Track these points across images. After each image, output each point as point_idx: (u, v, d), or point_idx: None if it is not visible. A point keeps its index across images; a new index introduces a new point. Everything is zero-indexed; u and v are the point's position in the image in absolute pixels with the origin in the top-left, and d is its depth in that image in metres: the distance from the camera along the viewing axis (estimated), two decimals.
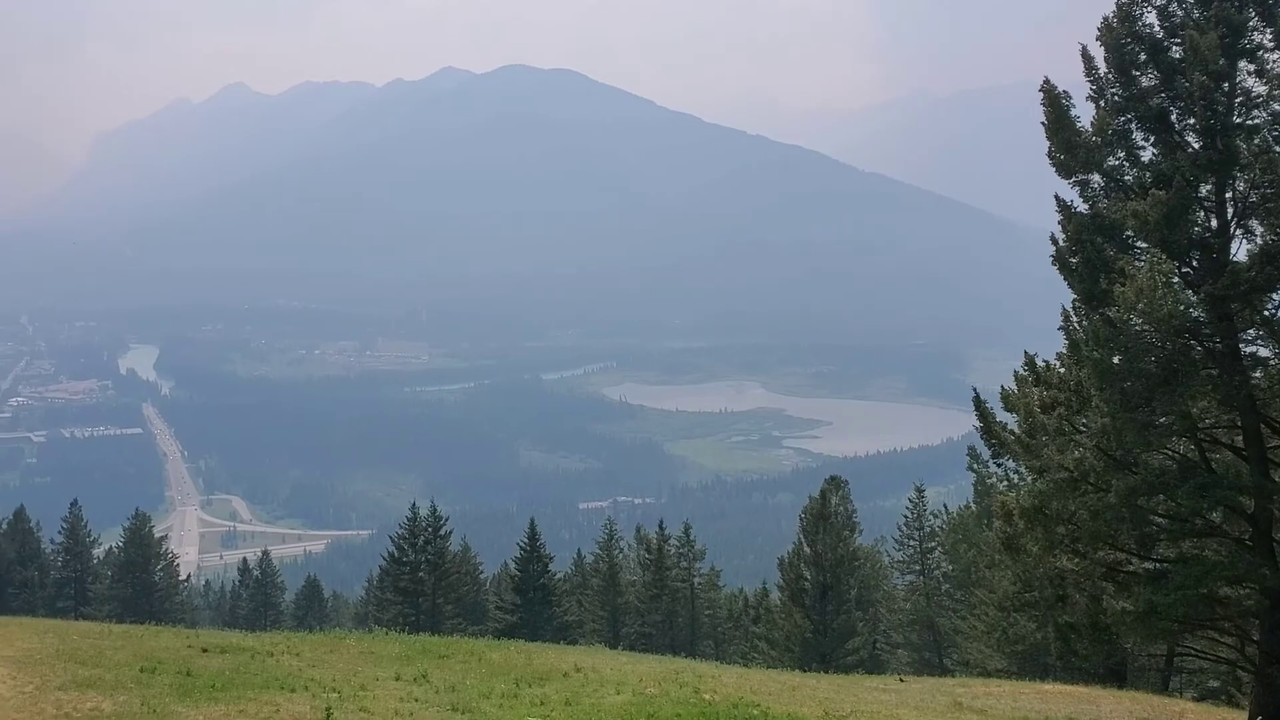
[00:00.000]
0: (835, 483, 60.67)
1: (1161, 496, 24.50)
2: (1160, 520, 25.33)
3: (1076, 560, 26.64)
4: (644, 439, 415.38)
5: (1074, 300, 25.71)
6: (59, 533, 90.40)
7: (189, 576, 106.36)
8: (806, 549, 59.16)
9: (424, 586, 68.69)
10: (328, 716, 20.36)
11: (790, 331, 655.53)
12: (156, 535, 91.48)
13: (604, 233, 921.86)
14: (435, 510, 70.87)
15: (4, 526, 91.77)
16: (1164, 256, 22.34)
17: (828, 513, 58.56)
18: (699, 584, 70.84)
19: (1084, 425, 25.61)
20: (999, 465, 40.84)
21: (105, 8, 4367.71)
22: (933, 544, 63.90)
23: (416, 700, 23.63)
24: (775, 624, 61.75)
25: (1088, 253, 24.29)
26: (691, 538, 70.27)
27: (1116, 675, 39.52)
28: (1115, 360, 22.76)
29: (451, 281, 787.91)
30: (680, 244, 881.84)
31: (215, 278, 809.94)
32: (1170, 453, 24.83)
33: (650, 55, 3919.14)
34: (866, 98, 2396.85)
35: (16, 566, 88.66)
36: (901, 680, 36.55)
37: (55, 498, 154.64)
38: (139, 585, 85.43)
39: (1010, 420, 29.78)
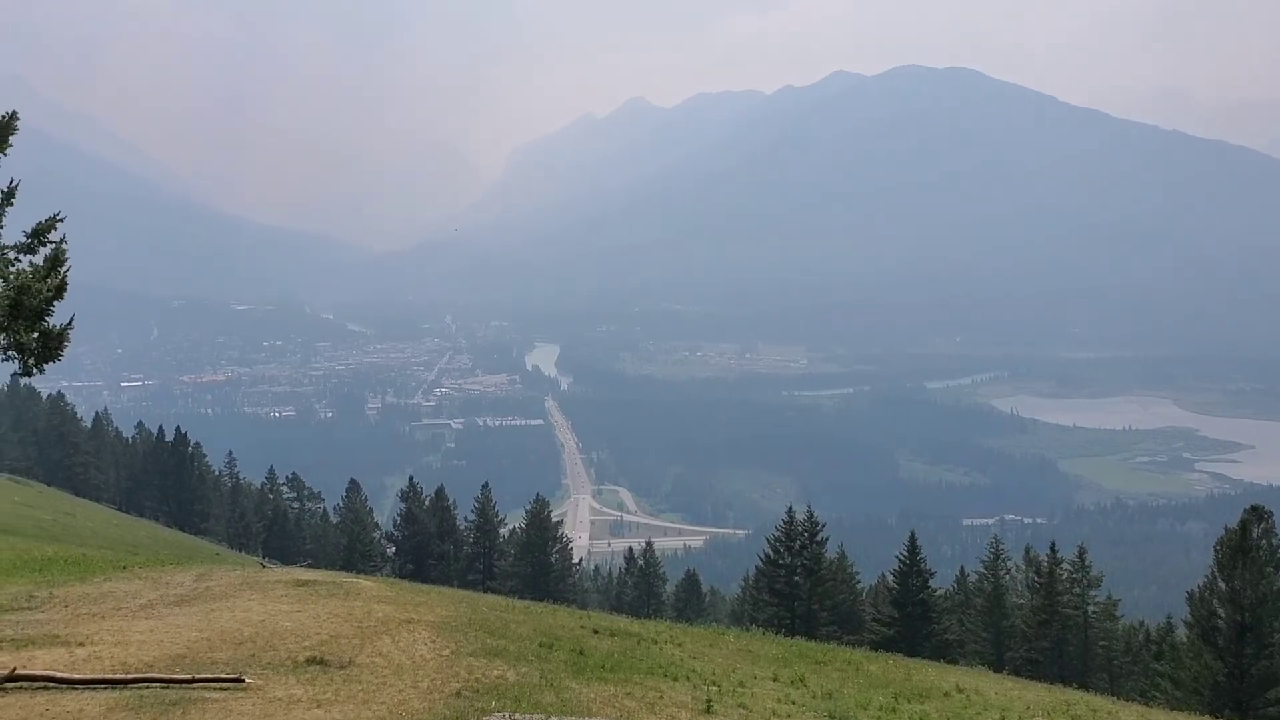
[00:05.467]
0: (1258, 512, 53.98)
1: None
2: None
3: None
4: (1036, 455, 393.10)
5: None
6: (471, 512, 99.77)
7: (580, 561, 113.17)
8: (1221, 584, 53.20)
9: (799, 591, 68.86)
10: (708, 708, 20.65)
11: (1208, 343, 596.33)
12: (553, 520, 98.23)
13: (996, 235, 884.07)
14: (811, 515, 70.79)
15: (427, 503, 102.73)
16: None
17: (1248, 545, 52.25)
18: (1093, 613, 65.73)
19: None
20: None
21: (521, 34, 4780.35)
22: None
23: (793, 703, 23.49)
24: (1181, 663, 56.10)
25: None
26: (1086, 563, 65.34)
27: None
28: None
29: (834, 286, 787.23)
30: (1081, 247, 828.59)
31: (610, 281, 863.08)
32: None
33: (1052, 48, 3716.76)
34: None
35: (436, 540, 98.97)
36: None
37: (468, 480, 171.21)
38: (537, 565, 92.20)
39: None
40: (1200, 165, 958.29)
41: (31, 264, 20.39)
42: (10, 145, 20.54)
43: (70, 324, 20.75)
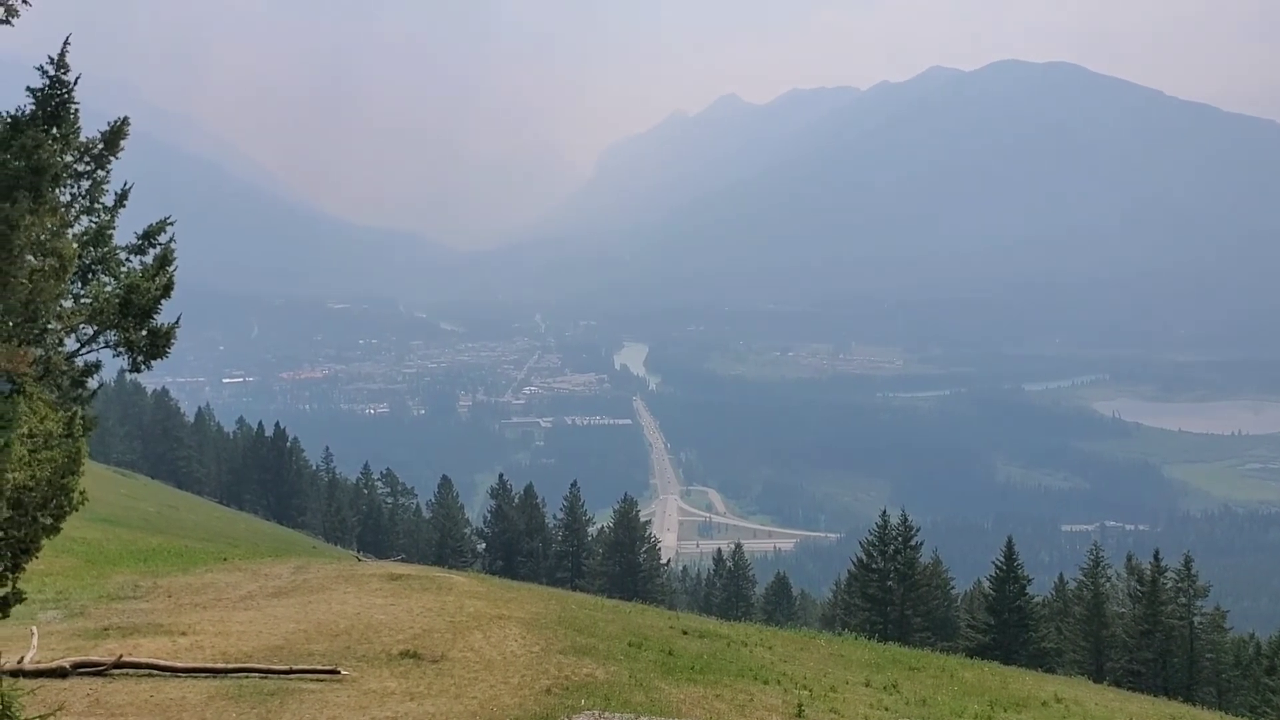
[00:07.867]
0: None
1: None
2: None
3: None
4: (1139, 460, 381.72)
5: None
6: (560, 510, 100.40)
7: (668, 561, 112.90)
8: None
9: (893, 596, 67.80)
10: (799, 712, 20.39)
11: None
12: (641, 520, 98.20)
13: (1099, 235, 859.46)
14: (906, 519, 69.68)
15: (516, 501, 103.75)
16: None
17: None
18: (1199, 624, 63.43)
19: None
20: None
21: (613, 34, 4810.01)
22: None
23: (886, 709, 23.09)
24: None
25: None
26: (1193, 572, 63.10)
27: None
28: None
29: (931, 285, 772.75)
30: (1190, 247, 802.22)
31: (700, 280, 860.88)
32: None
33: (1157, 40, 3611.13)
34: None
35: (525, 537, 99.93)
36: None
37: (557, 478, 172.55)
38: (625, 564, 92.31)
39: None
40: None
41: (141, 264, 21.06)
42: (122, 150, 21.25)
43: (177, 323, 21.41)
